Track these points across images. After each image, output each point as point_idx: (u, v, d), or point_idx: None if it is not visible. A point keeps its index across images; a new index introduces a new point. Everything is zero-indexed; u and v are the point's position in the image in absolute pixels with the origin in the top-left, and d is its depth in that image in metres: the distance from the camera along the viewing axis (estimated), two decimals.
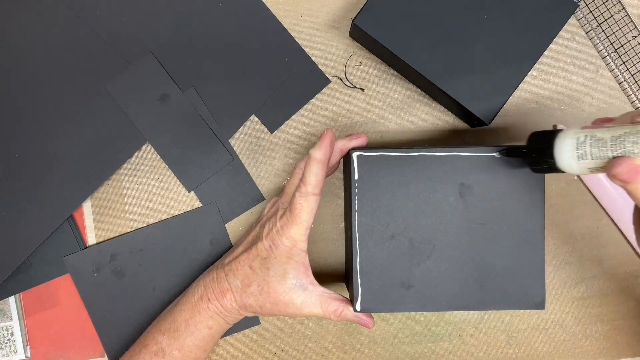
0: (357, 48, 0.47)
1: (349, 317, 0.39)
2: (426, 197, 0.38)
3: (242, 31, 0.46)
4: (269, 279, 0.38)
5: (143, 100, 0.46)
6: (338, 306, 0.38)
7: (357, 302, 0.38)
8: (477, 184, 0.38)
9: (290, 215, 0.37)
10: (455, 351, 0.47)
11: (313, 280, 0.39)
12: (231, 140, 0.47)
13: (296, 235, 0.37)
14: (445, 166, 0.38)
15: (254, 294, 0.39)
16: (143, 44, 0.46)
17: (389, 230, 0.38)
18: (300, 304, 0.38)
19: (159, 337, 0.40)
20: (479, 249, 0.38)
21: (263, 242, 0.38)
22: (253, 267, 0.39)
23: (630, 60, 0.47)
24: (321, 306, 0.38)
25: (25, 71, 0.45)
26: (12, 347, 0.46)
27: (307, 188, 0.36)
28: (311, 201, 0.36)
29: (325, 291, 0.39)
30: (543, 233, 0.38)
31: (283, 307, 0.39)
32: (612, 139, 0.30)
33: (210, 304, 0.40)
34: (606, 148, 0.30)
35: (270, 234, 0.38)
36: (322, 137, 0.37)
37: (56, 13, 0.46)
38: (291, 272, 0.38)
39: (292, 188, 0.40)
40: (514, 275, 0.38)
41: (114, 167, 0.46)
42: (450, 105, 0.45)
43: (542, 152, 0.33)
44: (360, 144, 0.40)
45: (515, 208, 0.38)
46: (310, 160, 0.36)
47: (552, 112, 0.47)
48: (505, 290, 0.38)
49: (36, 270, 0.46)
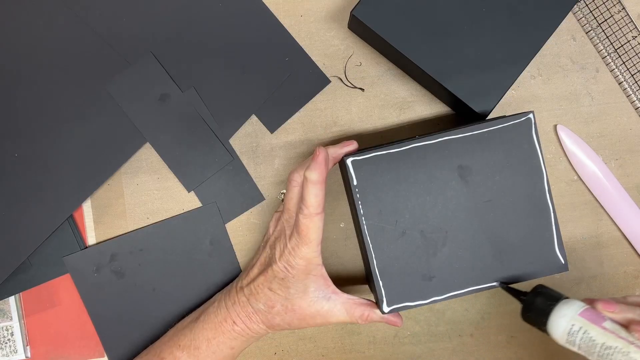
0: (357, 47, 0.47)
1: (376, 319, 0.39)
2: (428, 187, 0.38)
3: (242, 31, 0.46)
4: (290, 297, 0.38)
5: (143, 100, 0.46)
6: (364, 310, 0.39)
7: (383, 303, 0.38)
8: (475, 163, 0.38)
9: (299, 236, 0.37)
10: (455, 351, 0.47)
11: (335, 288, 0.39)
12: (231, 140, 0.47)
13: (308, 254, 0.37)
14: (440, 152, 0.38)
15: (279, 314, 0.39)
16: (143, 44, 0.46)
17: (398, 227, 0.38)
18: (326, 313, 0.39)
19: (177, 352, 0.40)
20: (490, 226, 0.38)
21: (278, 265, 0.38)
22: (272, 288, 0.39)
23: (630, 60, 0.47)
24: (347, 313, 0.39)
25: (25, 71, 0.45)
26: (12, 347, 0.46)
27: (310, 210, 0.36)
28: (316, 221, 0.36)
29: (349, 297, 0.39)
30: (548, 196, 0.38)
31: (310, 320, 0.39)
32: (602, 346, 0.30)
33: (236, 326, 0.40)
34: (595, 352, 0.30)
35: (284, 256, 0.38)
36: (314, 158, 0.36)
37: (56, 13, 0.46)
38: (312, 285, 0.38)
39: (291, 203, 0.40)
40: (530, 244, 0.38)
41: (114, 167, 0.46)
42: (448, 99, 0.45)
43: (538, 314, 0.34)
44: (352, 150, 0.40)
45: (517, 178, 0.38)
46: (308, 182, 0.36)
47: (552, 112, 0.47)
48: (525, 260, 0.38)
49: (36, 270, 0.46)
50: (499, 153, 0.38)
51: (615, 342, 0.30)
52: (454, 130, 0.38)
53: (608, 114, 0.47)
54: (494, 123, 0.38)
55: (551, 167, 0.47)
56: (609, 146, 0.47)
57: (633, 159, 0.47)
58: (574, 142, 0.47)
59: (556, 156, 0.47)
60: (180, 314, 0.46)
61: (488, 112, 0.42)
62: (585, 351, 0.31)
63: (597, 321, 0.31)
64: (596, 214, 0.47)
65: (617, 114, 0.47)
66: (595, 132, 0.47)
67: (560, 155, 0.47)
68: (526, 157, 0.38)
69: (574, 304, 0.33)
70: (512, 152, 0.38)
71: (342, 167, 0.41)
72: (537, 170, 0.38)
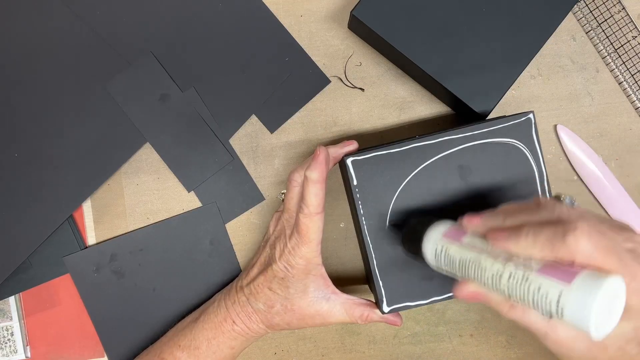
0: (357, 47, 0.47)
1: (376, 319, 0.39)
2: (428, 187, 0.38)
3: (242, 31, 0.46)
4: (290, 297, 0.38)
5: (143, 100, 0.46)
6: (363, 311, 0.39)
7: (383, 303, 0.38)
8: (475, 163, 0.38)
9: (299, 236, 0.37)
10: (455, 351, 0.47)
11: (334, 289, 0.39)
12: (231, 140, 0.47)
13: (308, 253, 0.37)
14: (440, 152, 0.38)
15: (279, 314, 0.39)
16: (143, 44, 0.46)
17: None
18: (326, 313, 0.39)
19: (177, 352, 0.40)
20: None
21: (278, 264, 0.39)
22: (272, 288, 0.39)
23: (630, 60, 0.47)
24: (347, 313, 0.39)
25: (25, 71, 0.45)
26: (12, 347, 0.46)
27: (310, 209, 0.36)
28: (316, 220, 0.36)
29: (348, 298, 0.39)
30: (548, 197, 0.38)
31: (310, 320, 0.39)
32: (459, 262, 0.29)
33: (236, 326, 0.40)
34: (456, 270, 0.30)
35: (284, 255, 0.38)
36: (315, 157, 0.36)
37: (56, 13, 0.46)
38: (311, 285, 0.38)
39: (291, 203, 0.40)
40: None
41: (114, 167, 0.46)
42: (448, 99, 0.45)
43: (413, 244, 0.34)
44: (352, 150, 0.40)
45: (517, 179, 0.38)
46: (308, 182, 0.36)
47: (552, 112, 0.47)
48: None
49: (36, 270, 0.46)
50: (499, 153, 0.38)
51: (469, 254, 0.29)
52: (454, 130, 0.37)
53: (608, 114, 0.47)
54: (494, 123, 0.38)
55: (551, 167, 0.47)
56: (609, 146, 0.47)
57: (633, 159, 0.47)
58: (574, 142, 0.47)
59: (556, 156, 0.47)
60: (180, 314, 0.46)
61: (488, 112, 0.42)
62: (450, 272, 0.31)
63: (457, 237, 0.30)
64: None
65: (617, 114, 0.47)
66: (595, 132, 0.47)
67: (560, 155, 0.47)
68: (526, 157, 0.38)
69: (439, 226, 0.32)
70: (512, 153, 0.38)
71: (342, 167, 0.41)
72: (538, 170, 0.38)
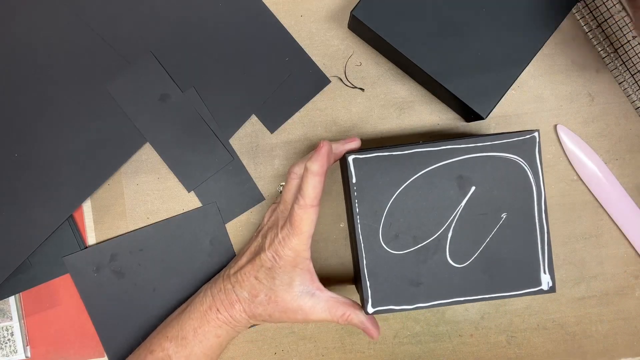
0: (357, 47, 0.47)
1: (355, 321, 0.39)
2: (426, 193, 0.38)
3: (242, 31, 0.46)
4: (275, 288, 0.38)
5: (143, 100, 0.46)
6: (345, 310, 0.38)
7: (368, 304, 0.38)
8: (475, 175, 0.38)
9: (291, 227, 0.37)
10: (455, 351, 0.47)
11: (320, 285, 0.39)
12: (231, 140, 0.47)
13: (298, 245, 0.37)
14: (441, 160, 0.38)
15: (262, 304, 0.39)
16: (143, 44, 0.46)
17: (392, 230, 0.38)
18: (309, 309, 0.38)
19: (165, 344, 0.40)
20: (482, 239, 0.38)
21: (266, 253, 0.39)
22: (259, 277, 0.39)
23: (630, 60, 0.47)
24: (329, 311, 0.38)
25: (25, 71, 0.45)
26: (12, 347, 0.46)
27: (306, 201, 0.36)
28: (311, 213, 0.36)
29: (332, 296, 0.39)
30: (544, 216, 0.38)
31: (292, 314, 0.39)
32: None
33: (220, 315, 0.40)
34: None
35: (273, 245, 0.38)
36: (318, 150, 0.36)
37: (56, 13, 0.46)
38: (297, 279, 0.38)
39: (289, 195, 0.40)
40: (521, 262, 0.38)
41: (114, 167, 0.46)
42: (448, 99, 0.45)
43: None
44: (355, 147, 0.40)
45: (515, 195, 0.38)
46: (308, 173, 0.36)
47: (552, 112, 0.47)
48: (514, 277, 0.38)
49: (36, 270, 0.46)
50: (500, 168, 0.38)
51: None
52: (458, 140, 0.37)
53: (608, 114, 0.47)
54: (498, 137, 0.38)
55: (551, 167, 0.47)
56: (609, 146, 0.47)
57: (633, 159, 0.47)
58: (574, 142, 0.47)
59: (556, 156, 0.47)
60: None
61: (488, 112, 0.42)
62: None
63: None
64: (596, 214, 0.47)
65: (617, 114, 0.47)
66: (595, 132, 0.47)
67: (560, 155, 0.47)
68: (527, 175, 0.38)
69: None
70: (513, 168, 0.38)
71: (342, 164, 0.41)
72: (537, 190, 0.38)
